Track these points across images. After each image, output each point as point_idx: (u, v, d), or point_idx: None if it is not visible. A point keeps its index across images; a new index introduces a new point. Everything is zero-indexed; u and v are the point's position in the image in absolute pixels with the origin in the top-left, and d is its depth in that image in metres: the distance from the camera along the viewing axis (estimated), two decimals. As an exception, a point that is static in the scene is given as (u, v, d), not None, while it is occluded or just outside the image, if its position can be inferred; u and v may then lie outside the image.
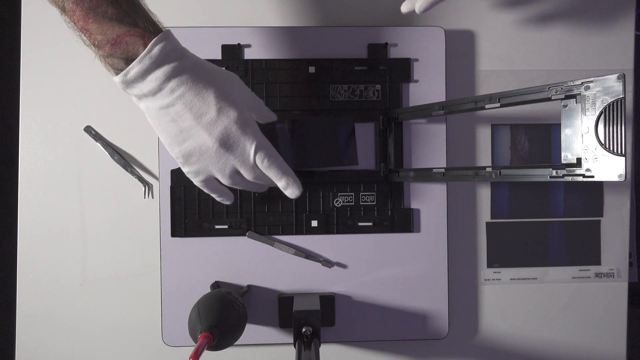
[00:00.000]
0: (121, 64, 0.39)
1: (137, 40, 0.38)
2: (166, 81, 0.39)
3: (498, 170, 0.45)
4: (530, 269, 0.61)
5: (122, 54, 0.38)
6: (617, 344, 0.61)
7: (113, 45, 0.38)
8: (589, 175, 0.39)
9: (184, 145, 0.42)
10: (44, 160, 0.58)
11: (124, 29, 0.38)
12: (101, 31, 0.38)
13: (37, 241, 0.58)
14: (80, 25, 0.38)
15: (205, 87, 0.41)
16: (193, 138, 0.41)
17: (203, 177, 0.44)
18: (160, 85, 0.39)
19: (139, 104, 0.42)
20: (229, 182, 0.45)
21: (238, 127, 0.41)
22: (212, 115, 0.41)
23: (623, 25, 0.60)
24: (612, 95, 0.37)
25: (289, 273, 0.58)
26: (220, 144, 0.41)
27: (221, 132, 0.41)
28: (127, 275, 0.58)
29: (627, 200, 0.61)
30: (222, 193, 0.48)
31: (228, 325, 0.47)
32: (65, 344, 0.58)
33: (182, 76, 0.40)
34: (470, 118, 0.60)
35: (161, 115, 0.41)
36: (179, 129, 0.41)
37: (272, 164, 0.44)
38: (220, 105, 0.41)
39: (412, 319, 0.59)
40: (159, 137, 0.43)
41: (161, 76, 0.39)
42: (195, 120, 0.40)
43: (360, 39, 0.57)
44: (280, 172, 0.45)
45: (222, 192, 0.48)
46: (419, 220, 0.58)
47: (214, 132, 0.41)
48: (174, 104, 0.40)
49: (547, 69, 0.60)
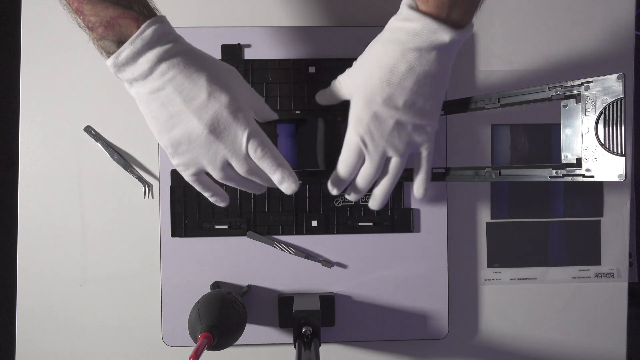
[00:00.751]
0: (114, 47, 0.38)
1: (130, 23, 0.37)
2: (157, 63, 0.38)
3: (498, 170, 0.45)
4: (530, 269, 0.61)
5: (115, 37, 0.37)
6: (617, 344, 0.61)
7: (106, 27, 0.37)
8: (589, 175, 0.39)
9: (172, 133, 0.40)
10: (44, 160, 0.58)
11: (117, 11, 0.37)
12: (95, 13, 0.37)
13: (37, 241, 0.58)
14: (74, 7, 0.37)
15: (197, 71, 0.39)
16: (182, 124, 0.39)
17: (193, 170, 0.42)
18: (151, 68, 0.38)
19: (131, 90, 0.40)
20: (220, 176, 0.42)
21: (229, 113, 0.39)
22: (202, 99, 0.39)
23: (623, 25, 0.60)
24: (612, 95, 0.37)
25: (289, 273, 0.58)
26: (210, 130, 0.39)
27: (211, 117, 0.39)
28: (127, 275, 0.58)
29: (627, 200, 0.61)
30: (216, 191, 0.45)
31: (228, 325, 0.47)
32: (65, 343, 0.58)
33: (174, 59, 0.38)
34: (470, 118, 0.60)
35: (151, 100, 0.39)
36: (168, 114, 0.39)
37: (265, 154, 0.41)
38: (212, 89, 0.39)
39: (412, 319, 0.59)
40: (150, 126, 0.41)
41: (152, 58, 0.38)
42: (185, 104, 0.39)
43: (360, 39, 0.57)
44: (275, 163, 0.41)
45: (215, 191, 0.45)
46: (419, 220, 0.58)
47: (203, 117, 0.39)
48: (164, 88, 0.39)
49: (547, 69, 0.60)
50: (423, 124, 0.42)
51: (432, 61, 0.39)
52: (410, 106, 0.41)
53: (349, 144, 0.43)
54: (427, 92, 0.40)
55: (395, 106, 0.40)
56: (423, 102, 0.41)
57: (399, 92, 0.40)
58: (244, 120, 0.40)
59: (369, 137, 0.42)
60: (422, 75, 0.39)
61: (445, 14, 0.38)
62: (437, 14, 0.38)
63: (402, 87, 0.40)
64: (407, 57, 0.39)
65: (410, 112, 0.41)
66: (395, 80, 0.40)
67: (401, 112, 0.41)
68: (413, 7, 0.38)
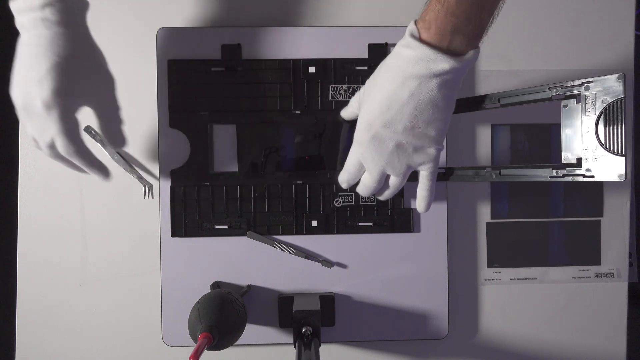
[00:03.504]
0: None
1: None
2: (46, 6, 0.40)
3: (498, 170, 0.45)
4: (530, 269, 0.61)
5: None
6: (617, 344, 0.61)
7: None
8: (589, 175, 0.39)
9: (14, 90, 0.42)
10: (44, 160, 0.58)
11: None
12: None
13: (37, 241, 0.58)
14: None
15: (60, 42, 0.41)
16: (23, 87, 0.42)
17: (42, 143, 0.43)
18: (42, 5, 0.40)
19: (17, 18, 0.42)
20: (48, 154, 0.44)
21: (43, 105, 0.41)
22: (39, 74, 0.41)
23: (623, 25, 0.60)
24: (612, 95, 0.37)
25: (289, 273, 0.58)
26: (43, 105, 0.41)
27: (38, 96, 0.41)
28: (127, 275, 0.58)
29: (627, 200, 0.61)
30: (88, 162, 0.46)
31: (228, 325, 0.47)
32: (65, 343, 0.58)
33: (59, 15, 0.41)
34: (470, 118, 0.60)
35: (23, 30, 0.42)
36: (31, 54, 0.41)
37: (72, 154, 0.43)
38: (51, 70, 0.41)
39: (412, 319, 0.59)
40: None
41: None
42: (28, 68, 0.41)
43: (360, 39, 0.57)
44: (83, 164, 0.44)
45: (86, 161, 0.46)
46: (419, 220, 0.58)
47: (31, 92, 0.41)
48: (35, 27, 0.41)
49: (547, 69, 0.60)
50: (424, 145, 0.42)
51: (433, 89, 0.39)
52: (410, 130, 0.41)
53: (351, 157, 0.45)
54: (428, 118, 0.40)
55: (395, 130, 0.41)
56: (424, 126, 0.41)
57: (398, 117, 0.40)
58: (56, 116, 0.41)
59: (369, 157, 0.43)
60: (422, 102, 0.39)
61: (446, 43, 0.38)
62: (437, 43, 0.38)
63: (401, 113, 0.40)
64: (407, 85, 0.39)
65: (409, 135, 0.41)
66: (396, 106, 0.40)
67: (401, 135, 0.41)
68: (415, 36, 0.39)
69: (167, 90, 0.56)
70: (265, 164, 0.57)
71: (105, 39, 0.58)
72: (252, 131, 0.57)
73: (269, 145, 0.57)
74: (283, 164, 0.57)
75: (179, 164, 0.57)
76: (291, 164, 0.57)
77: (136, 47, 0.58)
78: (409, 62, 0.39)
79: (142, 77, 0.58)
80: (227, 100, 0.57)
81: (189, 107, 0.56)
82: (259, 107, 0.57)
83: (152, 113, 0.57)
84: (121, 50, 0.58)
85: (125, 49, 0.58)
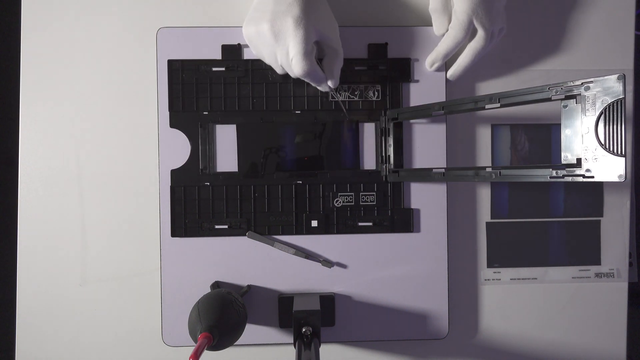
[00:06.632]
0: None
1: None
2: None
3: (498, 170, 0.45)
4: (530, 269, 0.61)
5: None
6: (617, 344, 0.61)
7: None
8: (589, 175, 0.39)
9: (248, 29, 0.52)
10: (44, 160, 0.58)
11: None
12: None
13: (37, 241, 0.58)
14: None
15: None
16: (258, 23, 0.50)
17: (263, 59, 0.53)
18: None
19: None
20: (279, 70, 0.54)
21: (292, 25, 0.48)
22: (286, 5, 0.48)
23: (623, 25, 0.60)
24: (612, 95, 0.37)
25: (289, 273, 0.58)
26: (273, 33, 0.49)
27: (281, 21, 0.48)
28: (127, 275, 0.58)
29: (627, 200, 0.61)
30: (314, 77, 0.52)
31: (228, 325, 0.47)
32: (65, 343, 0.58)
33: None
34: (470, 118, 0.60)
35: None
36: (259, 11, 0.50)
37: (305, 75, 0.51)
38: (300, 8, 0.48)
39: (412, 319, 0.59)
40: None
41: None
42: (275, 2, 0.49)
43: (360, 39, 0.57)
44: (313, 81, 0.53)
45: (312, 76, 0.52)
46: (419, 220, 0.58)
47: (275, 20, 0.48)
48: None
49: (547, 69, 0.60)
50: (501, 23, 0.55)
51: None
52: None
53: (461, 22, 0.53)
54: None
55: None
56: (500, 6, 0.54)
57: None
58: (301, 38, 0.48)
59: (479, 14, 0.52)
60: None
61: None
62: None
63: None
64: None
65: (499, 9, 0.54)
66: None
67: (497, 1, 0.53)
68: None
69: (167, 90, 0.56)
70: (265, 164, 0.57)
71: (105, 39, 0.58)
72: (252, 131, 0.57)
73: (269, 145, 0.57)
74: (283, 164, 0.57)
75: (179, 164, 0.57)
76: (291, 164, 0.57)
77: (136, 47, 0.58)
78: None
79: (142, 77, 0.58)
80: (227, 100, 0.57)
81: (189, 107, 0.56)
82: (259, 107, 0.57)
83: (152, 113, 0.57)
84: (121, 50, 0.58)
85: (125, 49, 0.58)
